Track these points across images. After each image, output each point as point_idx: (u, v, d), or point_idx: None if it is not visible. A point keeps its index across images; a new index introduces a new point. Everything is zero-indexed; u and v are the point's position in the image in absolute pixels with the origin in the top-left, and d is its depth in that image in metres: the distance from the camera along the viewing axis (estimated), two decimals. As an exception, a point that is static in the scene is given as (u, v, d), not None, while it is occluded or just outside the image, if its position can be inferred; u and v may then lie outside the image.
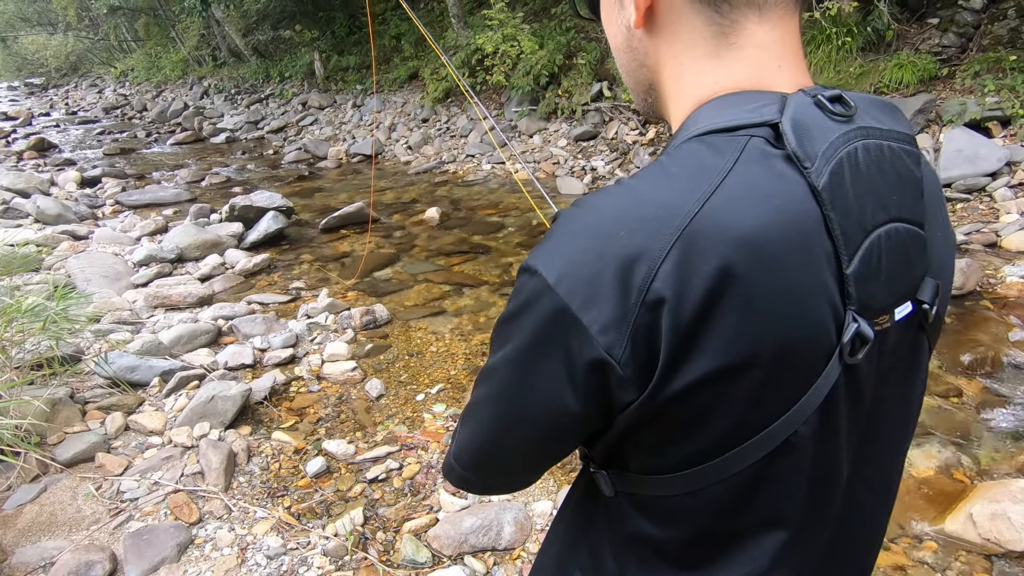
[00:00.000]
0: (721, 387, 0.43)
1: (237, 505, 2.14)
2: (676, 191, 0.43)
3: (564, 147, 7.00)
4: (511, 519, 1.97)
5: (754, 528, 0.49)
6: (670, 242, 0.41)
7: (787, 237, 0.42)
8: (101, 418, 2.55)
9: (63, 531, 2.02)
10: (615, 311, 0.42)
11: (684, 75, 0.50)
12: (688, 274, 0.40)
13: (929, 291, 0.50)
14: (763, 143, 0.44)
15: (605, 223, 0.43)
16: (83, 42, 22.35)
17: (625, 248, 0.41)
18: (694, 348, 0.42)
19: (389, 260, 4.58)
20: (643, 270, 0.41)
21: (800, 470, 0.47)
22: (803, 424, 0.45)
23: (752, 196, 0.42)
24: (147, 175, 8.02)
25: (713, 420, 0.45)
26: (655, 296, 0.41)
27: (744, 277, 0.41)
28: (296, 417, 2.70)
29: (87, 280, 3.99)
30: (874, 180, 0.45)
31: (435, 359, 3.16)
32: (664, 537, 0.51)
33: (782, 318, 0.42)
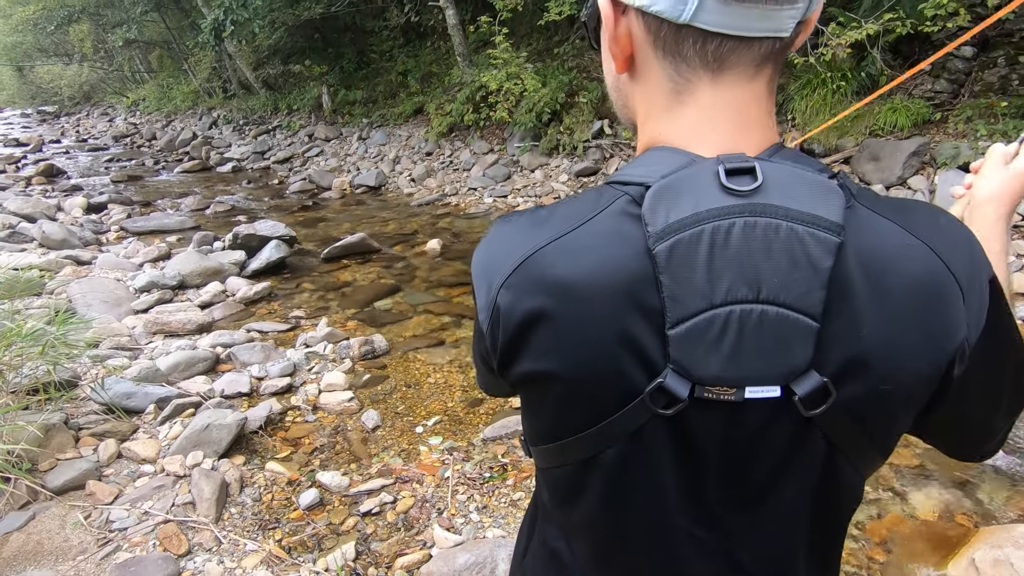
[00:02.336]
0: (536, 387, 0.54)
1: (227, 537, 2.10)
2: (536, 232, 0.52)
3: (565, 182, 7.10)
4: (505, 556, 1.94)
5: (579, 525, 0.60)
6: (511, 270, 0.51)
7: (595, 285, 0.48)
8: (94, 445, 2.53)
9: (49, 561, 1.98)
10: (483, 300, 0.54)
11: (648, 122, 0.55)
12: (514, 299, 0.51)
13: (807, 385, 0.47)
14: (630, 202, 0.49)
15: (490, 247, 0.55)
16: (97, 72, 22.90)
17: (490, 267, 0.53)
18: (516, 350, 0.52)
19: (389, 291, 4.60)
20: (495, 286, 0.52)
21: (608, 491, 0.55)
22: (609, 448, 0.52)
23: (584, 246, 0.49)
24: (153, 202, 8.12)
25: (538, 410, 0.56)
26: (498, 304, 0.52)
27: (551, 312, 0.49)
28: (291, 447, 2.67)
29: (88, 305, 4.00)
30: (744, 257, 0.45)
31: (433, 390, 3.15)
32: (546, 500, 0.63)
33: (579, 351, 0.50)
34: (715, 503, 0.53)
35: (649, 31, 0.49)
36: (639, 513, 0.55)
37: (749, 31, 0.46)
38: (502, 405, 2.98)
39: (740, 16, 0.45)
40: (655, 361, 0.48)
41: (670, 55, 0.49)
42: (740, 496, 0.53)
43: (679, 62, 0.49)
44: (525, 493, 2.32)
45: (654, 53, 0.50)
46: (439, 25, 9.63)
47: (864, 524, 2.09)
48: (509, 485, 2.37)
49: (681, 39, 0.48)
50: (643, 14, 0.48)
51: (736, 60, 0.48)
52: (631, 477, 0.53)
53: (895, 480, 2.29)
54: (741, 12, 0.45)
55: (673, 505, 0.53)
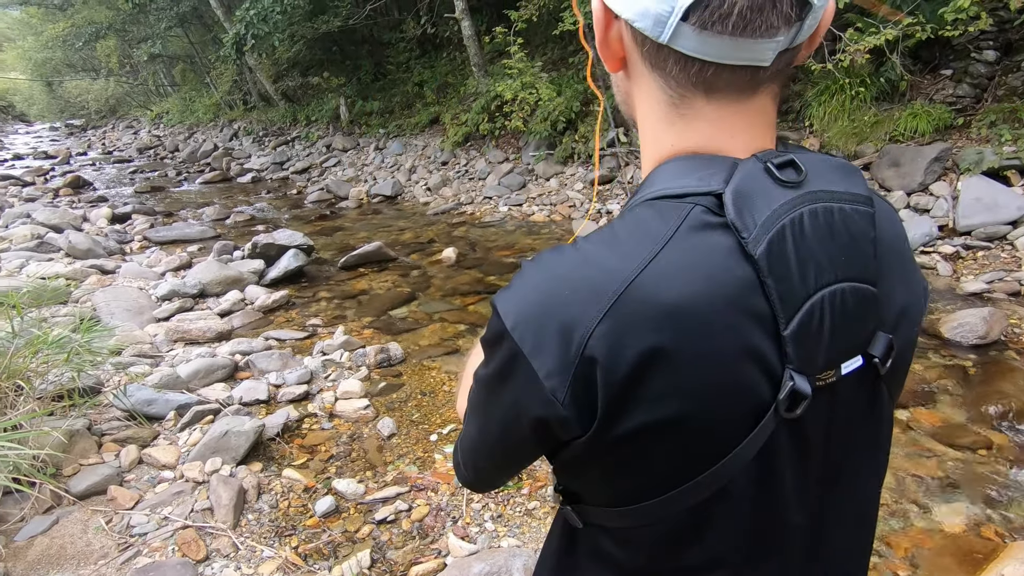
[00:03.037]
0: (652, 438, 0.47)
1: (245, 543, 2.12)
2: (617, 257, 0.47)
3: (580, 190, 7.10)
4: (520, 566, 1.93)
5: (699, 567, 0.54)
6: (604, 309, 0.45)
7: (712, 304, 0.45)
8: (116, 451, 2.57)
9: (71, 565, 2.02)
10: (558, 361, 0.46)
11: (648, 128, 0.55)
12: (618, 341, 0.45)
13: (881, 346, 0.51)
14: (705, 212, 0.47)
15: (553, 282, 0.48)
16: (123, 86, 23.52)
17: (566, 308, 0.46)
18: (626, 403, 0.46)
19: (405, 299, 4.62)
20: (580, 331, 0.45)
21: (739, 516, 0.51)
22: (740, 473, 0.49)
23: (683, 265, 0.46)
24: (175, 213, 8.28)
25: (647, 465, 0.49)
26: (590, 354, 0.45)
27: (669, 347, 0.45)
28: (307, 454, 2.69)
29: (111, 313, 4.09)
30: (820, 244, 0.47)
31: (448, 398, 3.15)
32: (623, 557, 0.57)
33: (706, 381, 0.46)
34: (817, 490, 0.54)
35: (636, 43, 0.50)
36: (770, 527, 0.53)
37: (726, 59, 0.46)
38: (517, 413, 2.97)
39: (715, 45, 0.45)
40: (774, 366, 0.47)
41: (657, 70, 0.50)
42: (834, 476, 0.54)
43: (667, 77, 0.50)
44: (540, 502, 2.30)
45: (643, 63, 0.51)
46: (455, 36, 9.73)
47: (888, 537, 2.04)
48: (524, 494, 2.36)
49: (664, 58, 0.48)
50: (630, 25, 0.49)
51: (724, 84, 0.48)
52: (764, 495, 0.51)
53: (920, 493, 2.23)
54: (715, 42, 0.45)
55: (792, 505, 0.53)
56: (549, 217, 6.85)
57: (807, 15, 0.45)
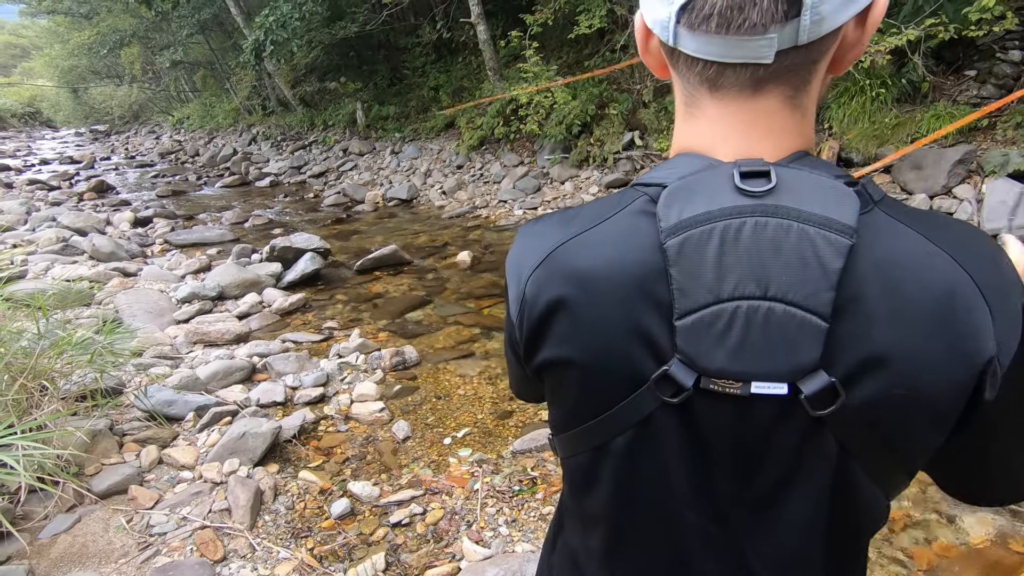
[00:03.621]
0: (555, 373, 0.57)
1: (261, 544, 2.14)
2: (566, 226, 0.56)
3: (595, 194, 7.08)
4: (534, 571, 1.92)
5: (591, 517, 0.61)
6: (538, 261, 0.55)
7: (613, 277, 0.52)
8: (137, 451, 2.61)
9: (93, 563, 2.05)
10: (514, 292, 0.58)
11: (677, 127, 0.58)
12: (539, 287, 0.55)
13: (814, 384, 0.46)
14: (648, 201, 0.53)
15: (524, 239, 0.59)
16: (145, 92, 23.98)
17: (521, 257, 0.58)
18: (539, 338, 0.56)
19: (420, 302, 4.64)
20: (524, 275, 0.56)
21: (617, 480, 0.57)
22: (619, 436, 0.55)
23: (605, 240, 0.53)
24: (195, 216, 8.41)
25: (557, 398, 0.59)
26: (524, 294, 0.56)
27: (570, 301, 0.53)
28: (323, 456, 2.71)
29: (133, 315, 4.16)
30: (754, 256, 0.46)
31: (462, 402, 3.16)
32: (566, 492, 0.65)
33: (592, 337, 0.53)
34: (725, 500, 0.54)
35: (662, 49, 0.54)
36: (648, 504, 0.57)
37: (725, 57, 0.48)
38: (532, 418, 2.97)
39: (711, 44, 0.47)
40: (664, 351, 0.50)
41: (676, 71, 0.54)
42: (751, 495, 0.53)
43: (682, 78, 0.54)
44: (554, 507, 2.29)
45: (670, 67, 0.55)
46: (470, 41, 9.77)
47: (910, 549, 2.00)
48: (539, 499, 2.35)
49: (676, 59, 0.53)
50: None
51: (728, 81, 0.50)
52: (639, 465, 0.56)
53: (943, 503, 2.18)
54: (709, 41, 0.47)
55: (683, 498, 0.55)
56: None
57: (804, 12, 0.44)
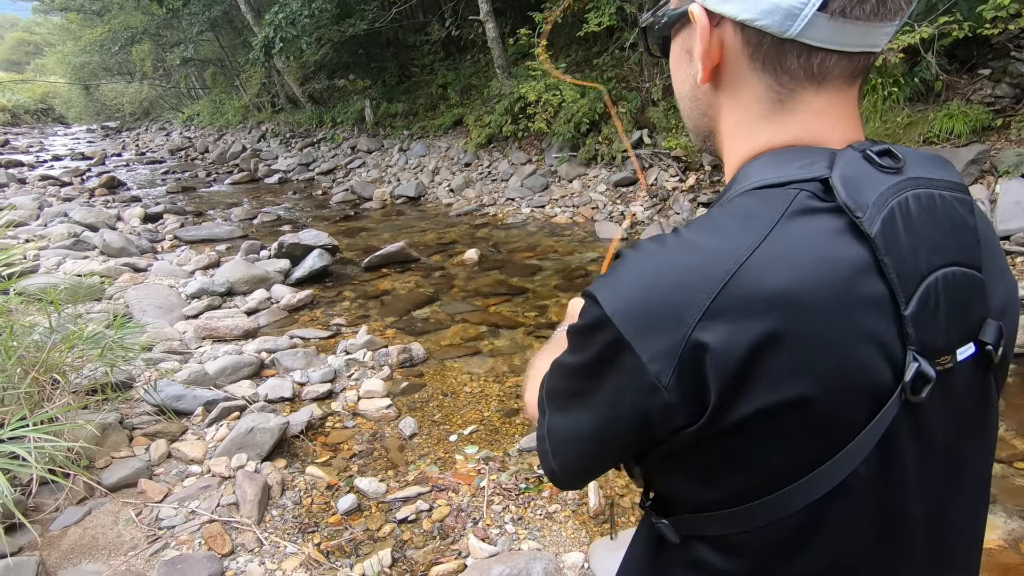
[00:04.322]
0: (769, 425, 0.46)
1: (269, 539, 2.15)
2: (725, 243, 0.46)
3: (603, 192, 7.07)
4: (541, 570, 1.92)
5: (817, 574, 0.51)
6: (714, 292, 0.44)
7: (828, 286, 0.44)
8: (146, 444, 2.64)
9: (103, 555, 2.07)
10: (663, 346, 0.45)
11: (740, 130, 0.54)
12: (731, 325, 0.44)
13: (992, 333, 0.51)
14: (810, 197, 0.47)
15: (659, 268, 0.47)
16: (156, 89, 24.15)
17: (673, 292, 0.46)
18: (740, 390, 0.45)
19: (428, 300, 4.65)
20: (688, 315, 0.45)
21: (862, 513, 0.49)
22: (862, 463, 0.47)
23: (793, 249, 0.45)
24: (204, 212, 8.46)
25: (761, 456, 0.47)
26: (698, 339, 0.44)
27: (783, 330, 0.44)
28: (330, 452, 2.72)
29: (143, 311, 4.19)
30: (927, 227, 0.47)
31: (469, 400, 3.16)
32: (727, 567, 0.53)
33: (824, 364, 0.44)
34: (937, 481, 0.52)
35: (748, 44, 0.50)
36: (894, 523, 0.50)
37: (850, 47, 0.48)
38: (538, 416, 2.97)
39: (845, 33, 0.47)
40: (894, 349, 0.46)
41: (770, 68, 0.50)
42: (953, 466, 0.53)
43: (780, 74, 0.50)
44: (560, 505, 2.29)
45: (750, 65, 0.51)
46: (479, 38, 9.77)
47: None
48: (545, 497, 2.35)
49: (784, 53, 0.49)
50: (742, 27, 0.49)
51: (837, 72, 0.50)
52: (887, 488, 0.49)
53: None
54: (847, 29, 0.47)
55: (914, 497, 0.51)
56: (572, 219, 6.83)
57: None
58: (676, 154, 6.72)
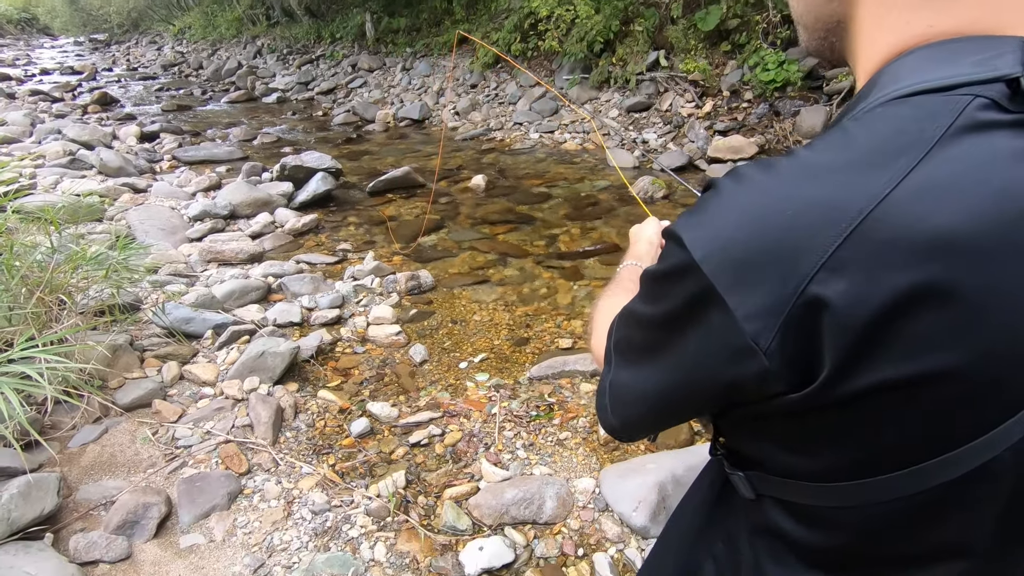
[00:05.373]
0: (899, 399, 0.37)
1: (284, 459, 2.19)
2: (860, 169, 0.36)
3: (615, 118, 6.79)
4: (553, 494, 1.96)
5: (926, 555, 0.44)
6: (842, 235, 0.35)
7: (1007, 227, 0.34)
8: (158, 366, 2.64)
9: (122, 472, 2.11)
10: (765, 300, 0.37)
11: (886, 13, 0.42)
12: (862, 276, 0.35)
13: None
14: (987, 106, 0.36)
15: (766, 202, 0.38)
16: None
17: (785, 233, 0.37)
18: (867, 356, 0.36)
19: (434, 226, 4.56)
20: (805, 263, 0.36)
21: (996, 499, 0.41)
22: (1009, 449, 0.38)
23: (962, 176, 0.35)
24: (202, 132, 8.19)
25: (883, 432, 0.39)
26: (815, 293, 0.36)
27: (940, 283, 0.34)
28: (341, 377, 2.74)
29: (145, 232, 4.12)
30: None
31: (478, 328, 3.15)
32: (811, 538, 0.47)
33: (993, 326, 0.35)
34: None
35: None
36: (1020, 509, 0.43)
37: None
38: (548, 345, 2.96)
39: None
40: None
41: None
42: None
43: None
44: (571, 433, 2.32)
45: None
46: (487, -55, 9.07)
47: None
48: (555, 425, 2.37)
49: None
50: None
51: None
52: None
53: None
54: None
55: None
56: (582, 146, 6.61)
57: None
58: (693, 78, 6.39)
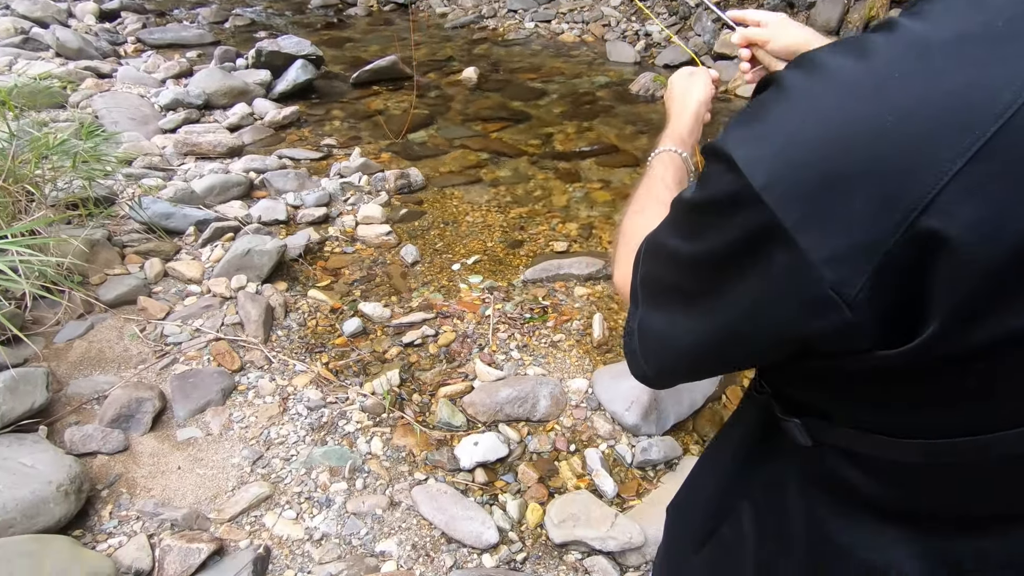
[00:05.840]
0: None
1: (277, 357, 2.18)
2: (989, 59, 0.26)
3: (617, 7, 6.30)
4: (547, 393, 1.98)
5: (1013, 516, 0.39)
6: (972, 148, 0.26)
7: None
8: (140, 263, 2.56)
9: (112, 368, 2.09)
10: (854, 238, 0.29)
11: None
12: (1003, 203, 0.26)
13: None
14: None
15: (856, 104, 0.28)
16: None
17: (887, 148, 0.27)
18: (994, 305, 0.29)
19: (424, 122, 4.32)
20: (915, 189, 0.27)
21: None
22: None
23: None
24: (167, 12, 7.50)
25: (998, 389, 0.32)
26: (927, 230, 0.27)
27: None
28: (331, 277, 2.68)
29: (114, 122, 3.85)
30: None
31: (471, 229, 3.06)
32: (875, 491, 0.41)
33: None
34: None
35: None
36: None
37: None
38: (543, 248, 2.90)
39: None
40: None
41: None
42: None
43: None
44: (565, 335, 2.32)
45: None
46: None
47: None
48: (549, 327, 2.37)
49: None
50: None
51: None
52: None
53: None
54: None
55: None
56: (580, 37, 6.17)
57: None
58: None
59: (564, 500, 1.66)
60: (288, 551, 1.59)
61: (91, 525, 1.62)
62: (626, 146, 3.95)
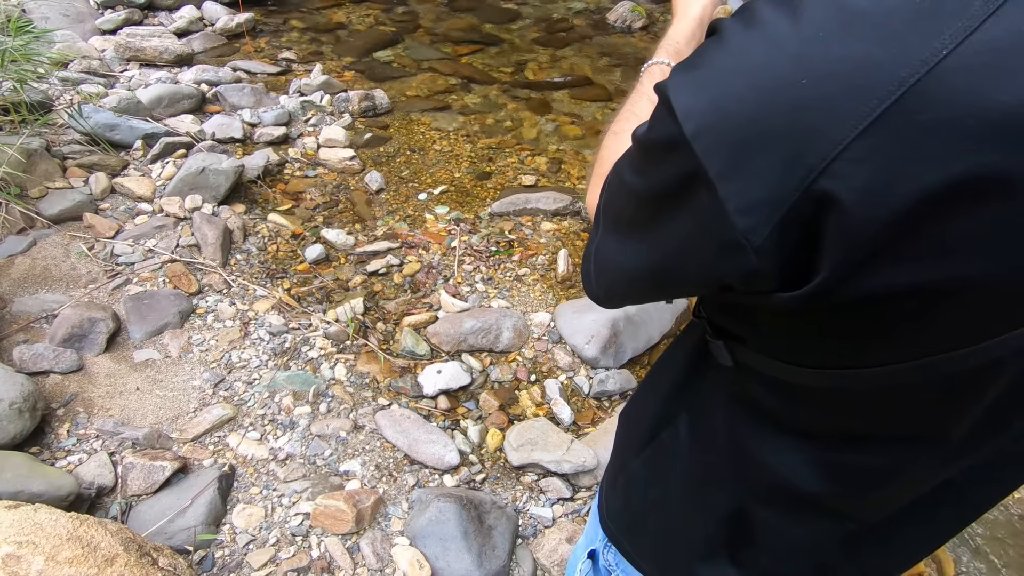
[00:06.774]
0: (913, 304, 0.33)
1: (236, 281, 2.13)
2: (903, 27, 0.28)
3: (599, -74, 5.95)
4: (510, 325, 2.02)
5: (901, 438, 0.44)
6: (870, 116, 0.28)
7: None
8: (84, 176, 2.41)
9: (60, 287, 2.01)
10: (764, 192, 0.31)
11: None
12: (887, 173, 0.28)
13: None
14: None
15: (781, 63, 0.30)
16: None
17: (798, 111, 0.29)
18: (876, 261, 0.31)
19: (390, 40, 4.09)
20: (815, 152, 0.29)
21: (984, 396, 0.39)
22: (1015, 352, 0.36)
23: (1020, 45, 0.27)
24: None
25: (888, 332, 0.35)
26: (821, 192, 0.30)
27: (1000, 172, 0.28)
28: (292, 201, 2.59)
29: (45, 18, 3.49)
30: None
31: (438, 158, 2.99)
32: (786, 413, 0.47)
33: None
34: None
35: None
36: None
37: None
38: (511, 181, 2.87)
39: None
40: None
41: None
42: None
43: None
44: (530, 270, 2.34)
45: None
46: None
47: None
48: (515, 261, 2.38)
49: None
50: None
51: None
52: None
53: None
54: None
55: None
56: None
57: None
58: None
59: (523, 426, 1.74)
60: (253, 470, 1.63)
61: (48, 443, 1.61)
62: (600, 79, 3.85)
